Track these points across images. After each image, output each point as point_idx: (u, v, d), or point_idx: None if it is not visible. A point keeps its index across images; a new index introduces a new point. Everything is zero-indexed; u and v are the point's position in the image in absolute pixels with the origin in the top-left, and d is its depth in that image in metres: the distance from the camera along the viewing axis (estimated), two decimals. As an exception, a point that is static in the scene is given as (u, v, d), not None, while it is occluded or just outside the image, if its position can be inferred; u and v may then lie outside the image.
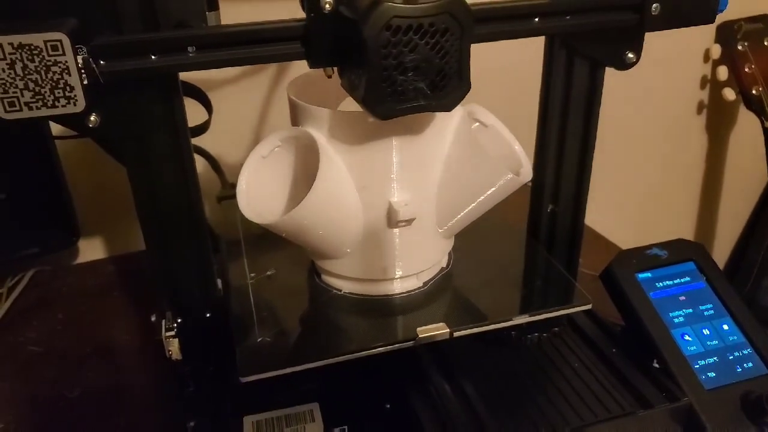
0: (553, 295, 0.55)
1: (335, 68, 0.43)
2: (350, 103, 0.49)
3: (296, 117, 0.50)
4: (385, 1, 0.37)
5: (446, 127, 0.50)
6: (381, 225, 0.50)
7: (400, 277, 0.53)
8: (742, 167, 1.16)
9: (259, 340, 0.48)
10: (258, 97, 0.83)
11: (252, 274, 0.56)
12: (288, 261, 0.58)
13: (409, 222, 0.49)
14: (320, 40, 0.40)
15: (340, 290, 0.54)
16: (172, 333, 0.50)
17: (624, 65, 0.50)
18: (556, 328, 0.57)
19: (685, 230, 1.19)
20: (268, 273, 0.57)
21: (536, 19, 0.45)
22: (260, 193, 0.50)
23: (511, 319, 0.50)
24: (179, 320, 0.51)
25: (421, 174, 0.50)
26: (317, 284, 0.56)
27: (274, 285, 0.56)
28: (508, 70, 0.88)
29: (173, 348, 0.50)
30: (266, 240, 0.49)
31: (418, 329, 0.48)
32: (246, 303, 0.52)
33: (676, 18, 0.47)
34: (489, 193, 0.50)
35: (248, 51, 0.40)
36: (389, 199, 0.49)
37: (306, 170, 0.50)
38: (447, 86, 0.40)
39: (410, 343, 0.48)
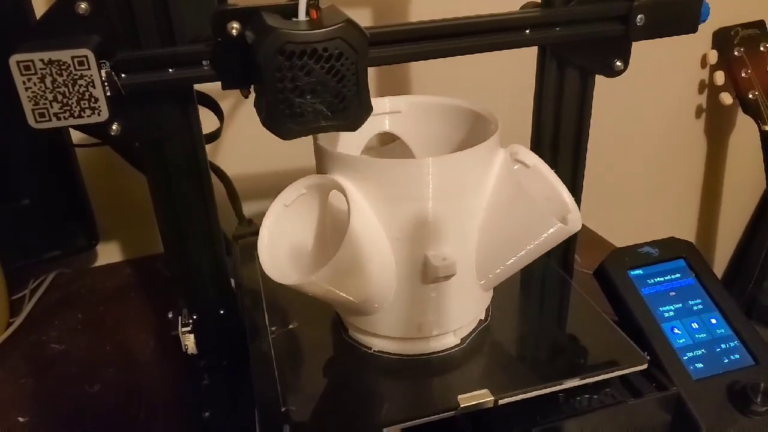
0: (604, 352, 0.50)
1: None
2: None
3: (322, 162, 0.47)
4: (279, 28, 0.38)
5: (487, 170, 0.47)
6: (416, 280, 0.47)
7: (437, 335, 0.50)
8: (742, 170, 1.18)
9: (283, 410, 0.45)
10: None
11: (273, 328, 0.53)
12: (311, 311, 0.55)
13: (447, 277, 0.45)
14: (229, 64, 0.42)
15: (370, 348, 0.51)
16: (188, 328, 0.53)
17: (613, 73, 0.52)
18: (608, 389, 0.50)
19: (687, 232, 1.21)
20: (290, 326, 0.54)
21: (527, 31, 0.48)
22: (283, 247, 0.46)
23: (560, 383, 0.46)
24: (195, 317, 0.54)
25: (460, 224, 0.46)
26: (344, 340, 0.52)
27: (297, 340, 0.53)
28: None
29: (189, 342, 0.53)
30: (287, 287, 0.44)
31: (460, 397, 0.44)
32: (268, 363, 0.49)
33: (660, 28, 0.50)
34: (534, 244, 0.46)
35: (155, 75, 0.42)
36: (425, 252, 0.45)
37: (333, 220, 0.48)
38: (347, 108, 0.41)
39: (451, 413, 0.44)
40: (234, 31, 0.40)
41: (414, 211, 0.45)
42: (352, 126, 0.43)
